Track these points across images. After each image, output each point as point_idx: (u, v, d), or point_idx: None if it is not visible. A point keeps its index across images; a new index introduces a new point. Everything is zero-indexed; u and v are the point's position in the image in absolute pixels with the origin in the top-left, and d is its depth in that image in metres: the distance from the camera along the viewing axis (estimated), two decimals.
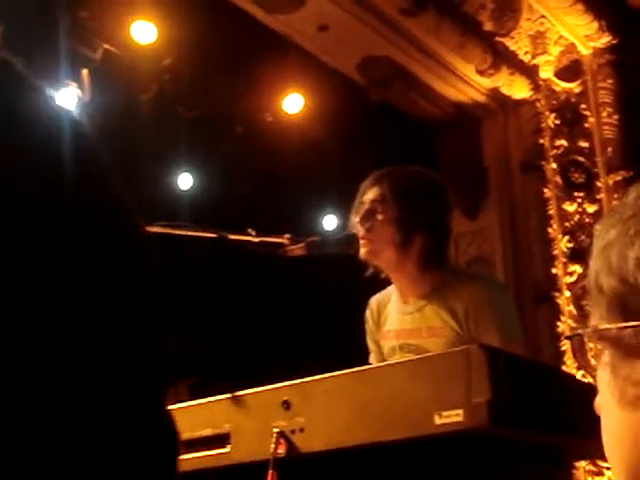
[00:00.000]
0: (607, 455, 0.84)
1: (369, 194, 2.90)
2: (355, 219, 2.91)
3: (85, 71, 4.73)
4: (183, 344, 4.11)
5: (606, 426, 0.82)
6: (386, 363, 2.61)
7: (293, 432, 2.07)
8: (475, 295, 2.76)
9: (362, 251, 2.86)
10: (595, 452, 3.24)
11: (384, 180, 2.90)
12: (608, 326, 0.79)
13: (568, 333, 5.85)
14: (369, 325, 3.04)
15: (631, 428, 0.79)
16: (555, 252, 6.05)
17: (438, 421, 1.87)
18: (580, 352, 0.84)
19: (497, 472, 2.17)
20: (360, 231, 2.86)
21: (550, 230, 6.09)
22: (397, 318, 2.93)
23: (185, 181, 5.95)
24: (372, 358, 3.01)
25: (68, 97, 4.81)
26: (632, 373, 0.77)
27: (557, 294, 5.97)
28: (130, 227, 0.68)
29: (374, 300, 3.05)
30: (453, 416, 1.86)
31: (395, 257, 2.85)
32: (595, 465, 5.66)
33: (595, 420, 0.87)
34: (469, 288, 2.79)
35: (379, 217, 2.85)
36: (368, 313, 3.05)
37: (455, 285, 2.82)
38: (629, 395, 0.77)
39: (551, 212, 6.11)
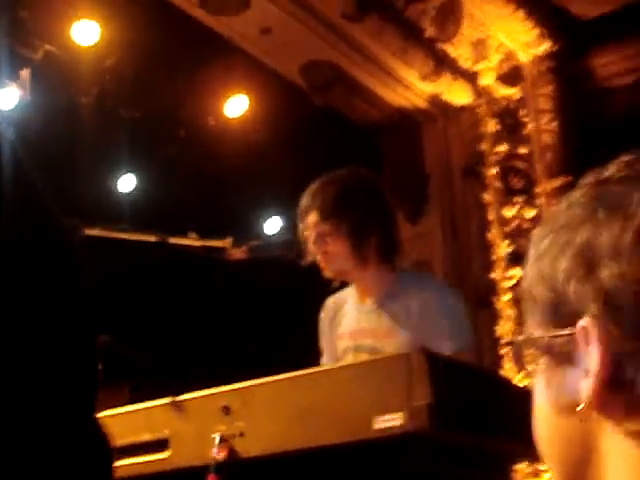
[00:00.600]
0: (544, 459, 0.85)
1: (312, 216, 2.88)
2: (307, 244, 2.90)
3: (25, 71, 4.66)
4: (123, 349, 4.07)
5: (541, 431, 0.83)
6: (326, 367, 2.62)
7: (233, 437, 2.06)
8: (428, 297, 2.79)
9: (326, 272, 2.88)
10: (534, 455, 3.29)
11: (322, 198, 2.87)
12: (540, 335, 0.80)
13: (507, 337, 5.92)
14: (324, 325, 3.04)
15: (565, 433, 0.80)
16: (494, 257, 6.11)
17: (377, 425, 1.88)
18: (518, 359, 0.85)
19: (438, 475, 2.19)
20: (316, 254, 2.87)
21: (489, 235, 6.16)
22: (354, 318, 2.94)
23: (127, 183, 5.89)
24: (325, 359, 3.00)
25: (8, 97, 4.74)
26: (564, 380, 0.78)
27: (496, 298, 6.03)
28: (56, 235, 0.68)
29: (331, 301, 3.05)
30: (393, 419, 1.87)
31: (358, 266, 2.88)
32: (533, 467, 5.72)
33: (532, 424, 0.88)
34: (423, 290, 2.82)
35: (329, 240, 2.86)
36: (323, 313, 3.05)
37: (409, 287, 2.85)
38: (562, 401, 0.79)
39: (490, 217, 6.18)
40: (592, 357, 0.74)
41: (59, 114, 4.99)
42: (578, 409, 0.75)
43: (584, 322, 0.74)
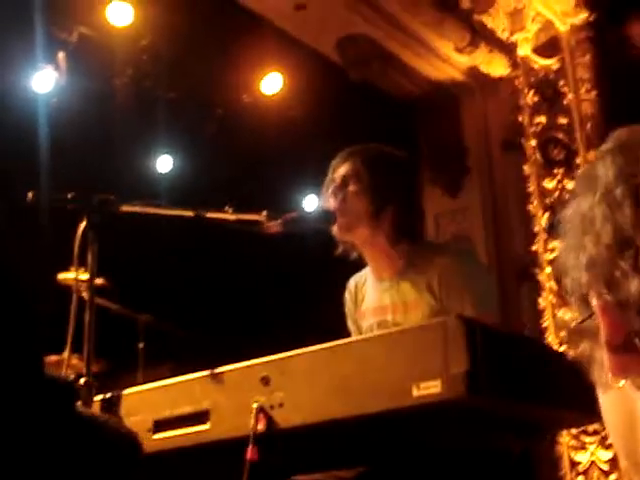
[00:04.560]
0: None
1: (340, 170, 2.92)
2: (327, 194, 2.91)
3: (61, 54, 4.69)
4: (164, 327, 4.11)
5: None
6: (363, 337, 2.62)
7: (272, 407, 2.07)
8: (448, 264, 2.76)
9: (335, 226, 2.86)
10: (574, 423, 3.27)
11: (355, 155, 2.92)
12: (579, 320, 0.81)
13: (549, 310, 5.88)
14: (348, 306, 3.05)
15: (607, 409, 0.82)
16: (535, 229, 6.06)
17: (416, 392, 1.88)
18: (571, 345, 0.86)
19: (476, 443, 2.18)
20: (333, 204, 2.87)
21: (530, 207, 6.10)
22: (374, 296, 2.93)
23: (165, 163, 5.91)
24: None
25: (45, 80, 4.77)
26: (603, 359, 0.79)
27: (538, 271, 5.98)
28: None
29: (352, 281, 3.05)
30: (431, 387, 1.87)
31: (368, 231, 2.86)
32: (578, 440, 5.69)
33: (574, 391, 0.90)
34: (441, 259, 2.79)
35: (351, 188, 2.87)
36: (347, 294, 3.06)
37: (428, 257, 2.82)
38: (603, 379, 0.80)
39: (531, 189, 6.12)
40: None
41: (95, 96, 5.02)
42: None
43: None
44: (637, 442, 0.80)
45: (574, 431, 5.64)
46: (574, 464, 5.68)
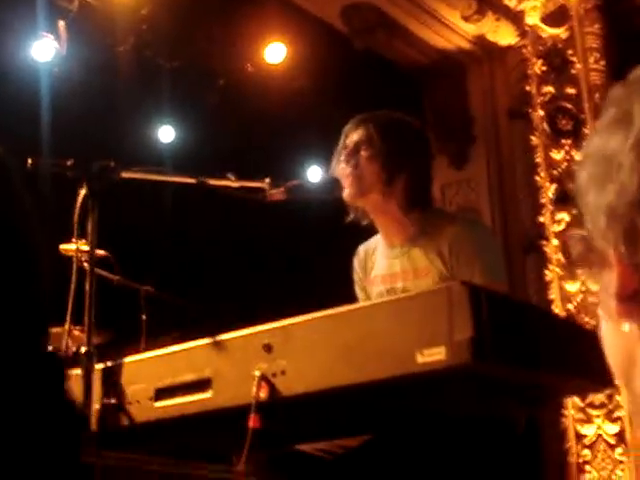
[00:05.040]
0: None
1: (353, 136, 2.89)
2: (339, 160, 2.88)
3: (62, 23, 4.64)
4: (165, 297, 4.08)
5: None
6: (367, 303, 2.59)
7: (275, 375, 2.04)
8: (458, 233, 2.74)
9: (347, 192, 2.83)
10: (580, 390, 3.25)
11: (368, 121, 2.89)
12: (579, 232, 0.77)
13: (556, 282, 5.85)
14: (357, 273, 3.03)
15: (607, 336, 0.78)
16: (542, 200, 6.01)
17: (420, 359, 1.84)
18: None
19: (481, 410, 2.15)
20: (345, 170, 2.84)
21: (537, 178, 6.05)
22: (384, 263, 2.91)
23: (166, 133, 5.87)
24: None
25: (45, 49, 4.73)
26: (610, 284, 0.76)
27: (545, 242, 5.94)
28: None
29: (361, 248, 3.03)
30: (435, 354, 1.83)
31: (380, 197, 2.83)
32: (584, 413, 5.68)
33: (580, 358, 0.87)
34: (453, 227, 2.77)
35: (364, 154, 2.84)
36: (355, 261, 3.03)
37: (439, 225, 2.80)
38: (605, 308, 0.77)
39: (538, 160, 6.07)
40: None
41: (96, 65, 4.97)
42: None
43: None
44: (634, 377, 0.78)
45: (580, 404, 5.63)
46: (580, 437, 5.67)
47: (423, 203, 2.89)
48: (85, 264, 2.52)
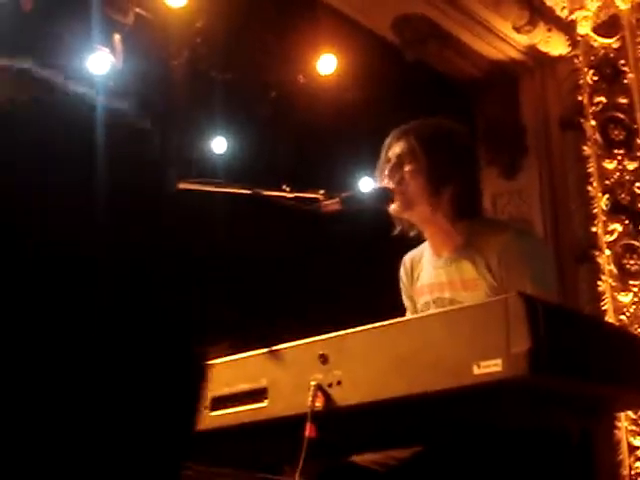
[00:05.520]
0: None
1: (395, 148, 2.87)
2: (383, 175, 2.87)
3: (117, 36, 4.71)
4: (219, 309, 4.10)
5: None
6: (423, 314, 2.59)
7: (330, 385, 2.06)
8: (507, 243, 2.71)
9: (393, 207, 2.82)
10: (636, 403, 3.20)
11: (409, 133, 2.87)
12: None
13: (609, 292, 5.79)
14: (403, 282, 3.02)
15: None
16: (595, 210, 5.96)
17: (477, 371, 1.84)
18: None
19: (536, 422, 2.14)
20: (390, 184, 2.83)
21: (590, 188, 6.00)
22: (431, 273, 2.90)
23: (220, 145, 5.92)
24: (408, 315, 2.98)
25: (101, 63, 4.80)
26: None
27: (597, 253, 5.89)
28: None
29: (407, 257, 3.03)
30: (492, 366, 1.83)
31: (427, 209, 2.82)
32: (637, 425, 5.61)
33: (636, 371, 0.86)
34: (501, 236, 2.75)
35: (407, 168, 2.83)
36: (402, 270, 3.03)
37: (488, 234, 2.78)
38: None
39: (590, 170, 6.02)
40: None
41: (151, 78, 5.03)
42: None
43: None
44: None
45: (633, 416, 5.56)
46: (633, 449, 5.60)
47: (471, 213, 2.87)
48: None
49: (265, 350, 2.22)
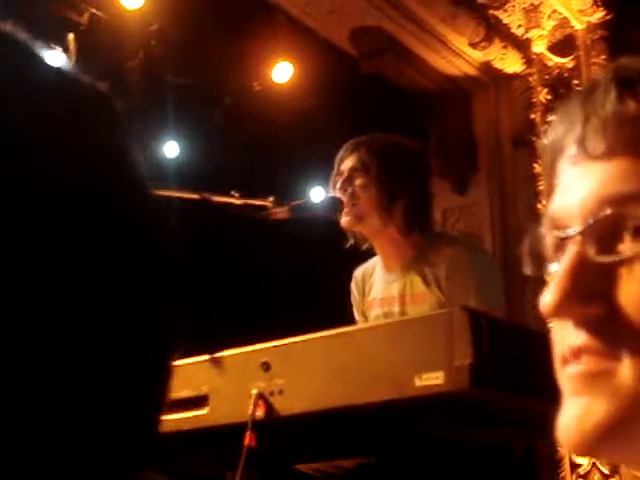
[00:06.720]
0: None
1: (347, 162, 2.87)
2: (335, 187, 2.87)
3: (71, 36, 4.66)
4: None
5: None
6: (367, 325, 2.59)
7: (272, 394, 2.04)
8: (456, 256, 2.72)
9: (345, 219, 2.82)
10: None
11: (361, 146, 2.87)
12: None
13: None
14: (354, 296, 3.02)
15: None
16: None
17: (418, 383, 1.84)
18: None
19: (478, 436, 2.15)
20: (342, 198, 2.83)
21: (539, 206, 6.05)
22: (382, 287, 2.90)
23: (171, 149, 5.88)
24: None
25: (53, 62, 4.74)
26: None
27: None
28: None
29: (359, 271, 3.03)
30: (433, 378, 1.83)
31: (378, 222, 2.82)
32: None
33: None
34: (450, 250, 2.76)
35: (358, 182, 2.83)
36: (353, 284, 3.02)
37: (438, 248, 2.79)
38: None
39: (541, 188, 6.07)
40: None
41: (104, 79, 4.97)
42: None
43: None
44: None
45: None
46: (575, 466, 5.64)
47: (422, 226, 2.88)
48: None
49: (207, 357, 2.20)
